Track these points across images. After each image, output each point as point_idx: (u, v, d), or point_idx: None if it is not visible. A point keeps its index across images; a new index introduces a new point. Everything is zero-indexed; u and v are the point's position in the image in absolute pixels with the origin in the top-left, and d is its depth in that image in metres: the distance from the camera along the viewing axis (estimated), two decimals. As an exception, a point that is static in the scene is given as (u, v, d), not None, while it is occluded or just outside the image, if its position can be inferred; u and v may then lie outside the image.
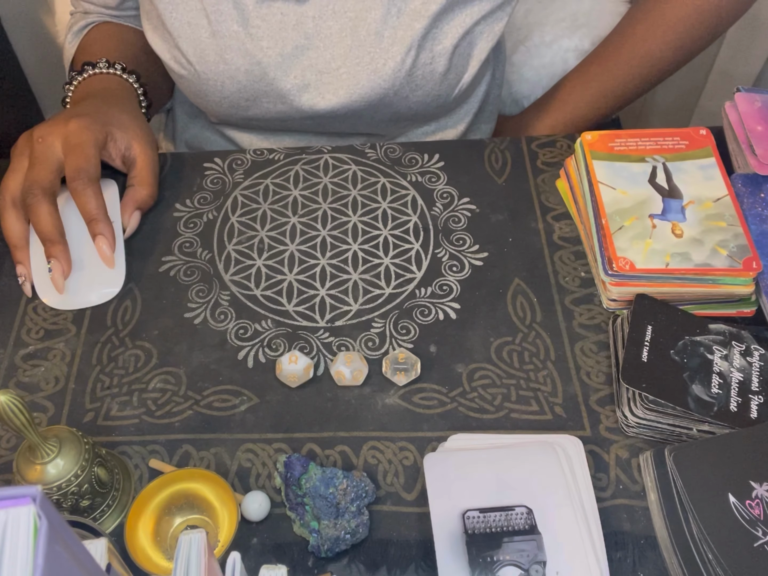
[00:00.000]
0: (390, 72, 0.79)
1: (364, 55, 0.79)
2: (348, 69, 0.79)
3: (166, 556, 0.54)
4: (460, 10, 0.78)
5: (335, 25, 0.78)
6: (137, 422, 0.62)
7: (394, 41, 0.78)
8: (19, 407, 0.48)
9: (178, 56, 0.81)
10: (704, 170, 0.71)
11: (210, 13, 0.77)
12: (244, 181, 0.79)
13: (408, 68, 0.79)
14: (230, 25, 0.78)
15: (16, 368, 0.66)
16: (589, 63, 0.93)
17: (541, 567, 0.50)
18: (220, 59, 0.79)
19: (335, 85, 0.80)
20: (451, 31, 0.79)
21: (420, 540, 0.56)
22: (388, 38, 0.78)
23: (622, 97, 0.92)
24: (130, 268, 0.72)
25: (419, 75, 0.80)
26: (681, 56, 0.89)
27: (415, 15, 0.77)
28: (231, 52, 0.78)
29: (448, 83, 0.82)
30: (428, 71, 0.80)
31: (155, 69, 0.88)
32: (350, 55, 0.79)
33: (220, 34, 0.78)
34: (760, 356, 0.61)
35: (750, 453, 0.54)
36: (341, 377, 0.63)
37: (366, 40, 0.78)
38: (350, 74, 0.80)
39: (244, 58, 0.78)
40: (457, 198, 0.77)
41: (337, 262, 0.72)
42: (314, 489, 0.55)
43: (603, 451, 0.59)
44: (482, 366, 0.65)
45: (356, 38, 0.78)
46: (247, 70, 0.79)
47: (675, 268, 0.64)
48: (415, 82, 0.80)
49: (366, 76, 0.79)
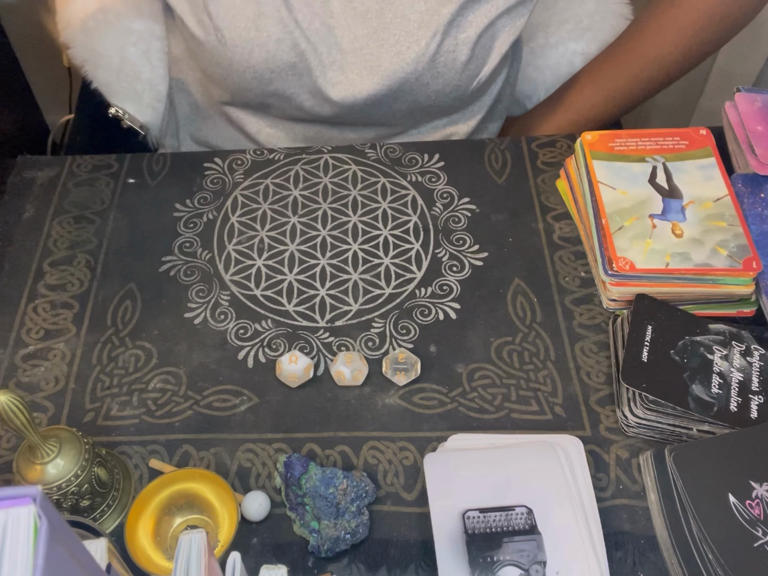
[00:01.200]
0: (413, 56, 0.78)
1: (389, 37, 0.78)
2: (371, 50, 0.79)
3: (166, 556, 0.54)
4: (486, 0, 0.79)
5: (361, 6, 0.78)
6: (137, 422, 0.62)
7: (420, 25, 0.77)
8: (19, 407, 0.48)
9: (205, 20, 0.79)
10: (704, 170, 0.71)
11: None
12: (244, 181, 0.79)
13: (431, 54, 0.78)
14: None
15: (16, 368, 0.66)
16: (600, 65, 0.94)
17: (541, 567, 0.50)
18: (252, 25, 0.77)
19: (359, 65, 0.80)
20: (476, 21, 0.79)
21: (420, 540, 0.56)
22: (414, 21, 0.78)
23: (630, 99, 0.92)
24: (130, 268, 0.72)
25: (441, 62, 0.80)
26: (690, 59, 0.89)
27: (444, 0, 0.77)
28: (265, 19, 0.77)
29: (469, 74, 0.82)
30: (450, 59, 0.80)
31: None
32: (374, 36, 0.78)
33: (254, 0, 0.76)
34: (760, 356, 0.61)
35: (750, 453, 0.54)
36: (341, 377, 0.63)
37: (392, 22, 0.78)
38: (373, 55, 0.79)
39: (277, 26, 0.77)
40: (457, 198, 0.77)
41: (337, 262, 0.72)
42: (314, 489, 0.55)
43: (603, 451, 0.59)
44: (482, 366, 0.65)
45: (382, 20, 0.78)
46: (279, 38, 0.78)
47: (675, 268, 0.64)
48: (437, 68, 0.80)
49: (389, 59, 0.79)
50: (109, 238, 0.75)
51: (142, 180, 0.80)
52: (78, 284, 0.71)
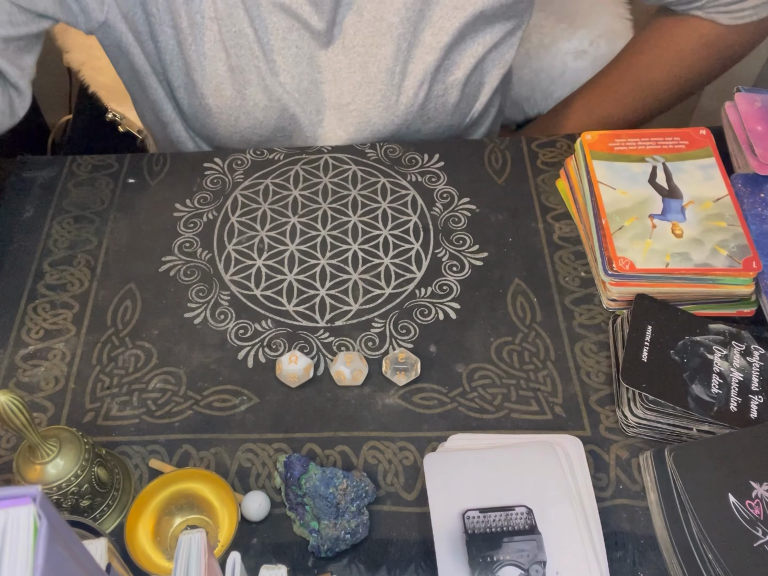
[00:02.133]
0: (403, 108, 0.78)
1: (375, 93, 0.77)
2: (358, 106, 0.78)
3: (166, 556, 0.54)
4: (472, 40, 0.77)
5: (344, 60, 0.76)
6: (137, 422, 0.62)
7: (405, 76, 0.76)
8: (19, 407, 0.48)
9: (189, 87, 0.77)
10: (704, 170, 0.71)
11: (229, 47, 0.74)
12: (244, 181, 0.79)
13: (421, 102, 0.77)
14: (250, 59, 0.74)
15: (16, 368, 0.66)
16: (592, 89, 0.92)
17: (541, 567, 0.50)
18: (237, 94, 0.76)
19: (346, 121, 0.79)
20: (464, 62, 0.78)
21: (420, 540, 0.56)
22: (399, 74, 0.76)
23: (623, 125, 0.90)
24: (130, 268, 0.72)
25: (432, 108, 0.79)
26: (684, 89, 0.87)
27: (427, 48, 0.75)
28: (250, 87, 0.76)
29: (460, 113, 0.81)
30: (440, 103, 0.79)
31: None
32: (360, 91, 0.77)
33: (239, 69, 0.75)
34: (760, 356, 0.61)
35: (750, 453, 0.54)
36: (341, 377, 0.63)
37: (377, 77, 0.77)
38: (360, 111, 0.78)
39: (263, 93, 0.76)
40: (457, 198, 0.77)
41: (337, 262, 0.72)
42: (314, 489, 0.55)
43: (603, 451, 0.59)
44: (482, 366, 0.65)
45: (366, 74, 0.77)
46: (266, 106, 0.77)
47: (675, 268, 0.64)
48: (428, 114, 0.79)
49: (377, 114, 0.78)
50: (109, 238, 0.75)
51: (142, 180, 0.80)
52: (78, 284, 0.71)
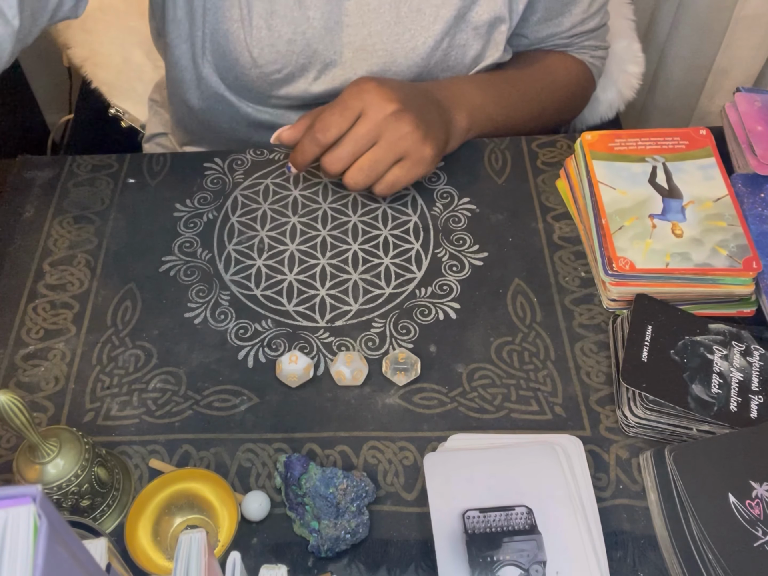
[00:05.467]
0: (428, 50, 0.78)
1: (404, 32, 0.77)
2: (385, 46, 0.78)
3: (166, 556, 0.54)
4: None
5: (375, 2, 0.77)
6: (137, 422, 0.62)
7: (435, 18, 0.77)
8: (19, 407, 0.48)
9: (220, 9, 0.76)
10: (704, 170, 0.71)
11: None
12: (244, 181, 0.79)
13: (445, 47, 0.78)
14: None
15: (16, 368, 0.66)
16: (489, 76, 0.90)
17: (541, 567, 0.50)
18: (264, 24, 0.75)
19: (369, 62, 0.79)
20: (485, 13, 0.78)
21: (420, 540, 0.56)
22: (429, 15, 0.77)
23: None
24: (130, 268, 0.72)
25: (453, 56, 0.79)
26: (548, 120, 0.91)
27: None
28: (277, 18, 0.75)
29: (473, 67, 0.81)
30: (461, 53, 0.79)
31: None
32: (388, 31, 0.77)
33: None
34: (760, 356, 0.61)
35: (750, 453, 0.54)
36: (341, 377, 0.63)
37: (407, 16, 0.77)
38: (387, 51, 0.78)
39: (289, 26, 0.76)
40: (457, 198, 0.77)
41: (337, 262, 0.72)
42: (314, 489, 0.55)
43: (603, 451, 0.59)
44: (482, 366, 0.65)
45: (397, 15, 0.77)
46: (290, 39, 0.76)
47: (675, 268, 0.64)
48: (448, 62, 0.80)
49: (403, 54, 0.78)
50: (109, 238, 0.75)
51: (142, 180, 0.80)
52: (78, 284, 0.71)
